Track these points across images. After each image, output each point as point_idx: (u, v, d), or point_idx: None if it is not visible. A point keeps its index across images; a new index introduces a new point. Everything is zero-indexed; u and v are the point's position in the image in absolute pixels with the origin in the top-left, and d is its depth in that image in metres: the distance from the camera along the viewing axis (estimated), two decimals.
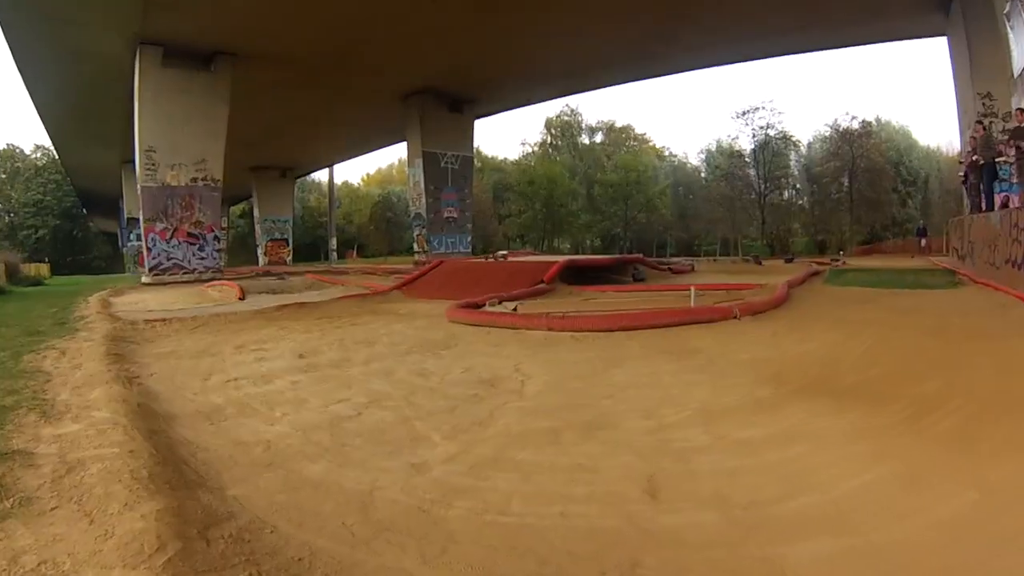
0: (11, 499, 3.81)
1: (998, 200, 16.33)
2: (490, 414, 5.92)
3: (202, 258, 27.05)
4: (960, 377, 6.03)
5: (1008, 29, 16.51)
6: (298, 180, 63.33)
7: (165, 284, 25.46)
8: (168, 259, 26.47)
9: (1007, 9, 16.27)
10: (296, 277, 28.47)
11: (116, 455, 4.56)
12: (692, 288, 13.02)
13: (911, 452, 4.31)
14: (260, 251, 56.68)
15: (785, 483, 3.97)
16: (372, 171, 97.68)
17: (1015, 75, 16.67)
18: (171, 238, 26.40)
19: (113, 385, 7.08)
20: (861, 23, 28.14)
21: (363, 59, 29.13)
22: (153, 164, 25.83)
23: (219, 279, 25.37)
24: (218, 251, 28.69)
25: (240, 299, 17.74)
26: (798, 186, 63.93)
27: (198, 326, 12.44)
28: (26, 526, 3.46)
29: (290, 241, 57.87)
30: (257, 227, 57.31)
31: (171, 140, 26.11)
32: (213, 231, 27.54)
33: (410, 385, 7.20)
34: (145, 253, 26.55)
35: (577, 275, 18.57)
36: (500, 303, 12.92)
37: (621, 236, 67.94)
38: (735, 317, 10.53)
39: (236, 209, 75.71)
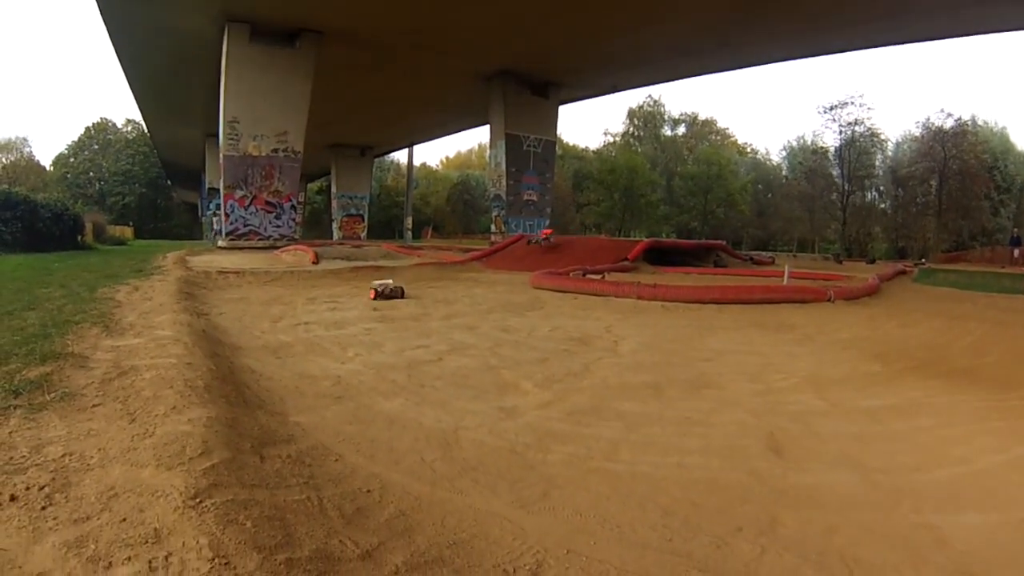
0: (53, 393, 3.52)
1: None
2: (584, 367, 5.48)
3: (278, 226, 27.14)
4: None
5: None
6: (376, 160, 63.11)
7: (240, 249, 25.61)
8: (245, 225, 26.63)
9: None
10: (372, 247, 28.57)
11: (172, 365, 4.25)
12: (787, 266, 12.44)
13: None
14: (335, 226, 56.36)
15: (920, 453, 3.62)
16: (451, 155, 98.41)
17: None
18: (249, 205, 26.56)
19: (180, 313, 6.90)
20: (965, 9, 26.49)
21: (445, 39, 28.68)
22: (236, 134, 25.97)
23: (293, 245, 25.45)
24: (294, 220, 28.77)
25: (314, 263, 17.53)
26: (882, 188, 61.57)
27: (271, 280, 12.29)
28: (62, 419, 3.14)
29: (365, 217, 57.60)
30: (333, 202, 57.22)
31: (254, 112, 26.19)
32: (291, 200, 27.65)
33: (494, 338, 6.78)
34: (223, 219, 26.81)
35: (660, 256, 18.37)
36: (584, 275, 12.40)
37: (698, 230, 66.80)
38: (829, 300, 10.10)
39: (313, 186, 76.57)
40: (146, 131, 60.09)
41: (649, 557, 2.37)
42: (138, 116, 55.13)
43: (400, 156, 71.82)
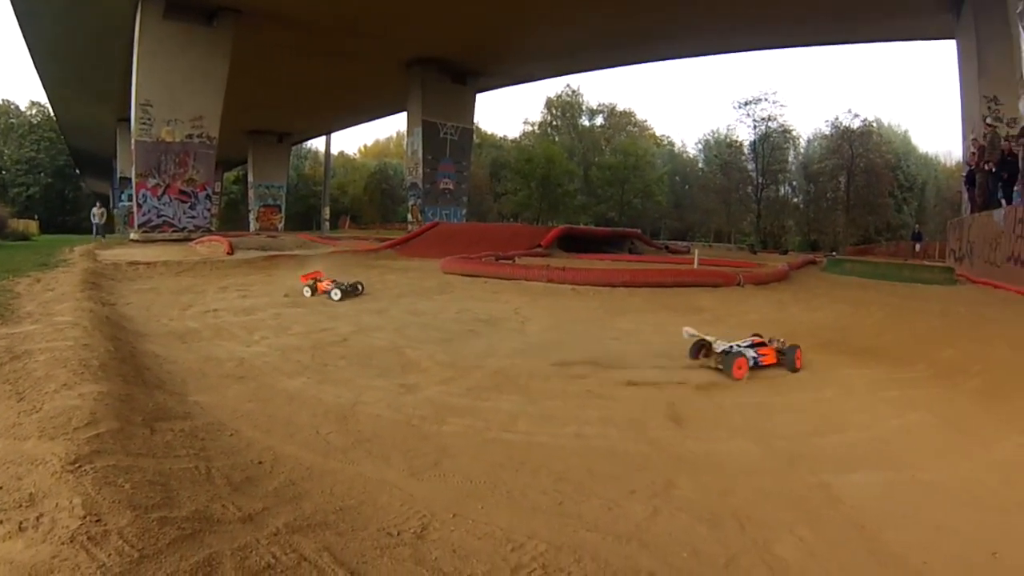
0: None
1: None
2: (489, 346, 5.54)
3: (192, 217, 26.38)
4: (976, 349, 5.88)
5: (1020, 30, 16.08)
6: (294, 147, 62.21)
7: (154, 241, 24.68)
8: (158, 216, 25.78)
9: (1020, 9, 15.87)
10: (288, 237, 28.08)
11: (68, 347, 4.18)
12: (695, 251, 12.68)
13: (943, 403, 4.20)
14: (252, 217, 55.00)
15: (820, 421, 3.80)
16: (370, 143, 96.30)
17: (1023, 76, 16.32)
18: (162, 195, 25.76)
19: (83, 302, 6.73)
20: (872, 19, 27.67)
21: (367, 24, 28.18)
22: (149, 119, 24.97)
23: (209, 236, 24.89)
24: (209, 211, 28.05)
25: (228, 254, 17.19)
26: (795, 183, 63.03)
27: (183, 270, 11.99)
28: None
29: (283, 208, 56.27)
30: (250, 192, 55.65)
31: (168, 95, 25.03)
32: (206, 190, 26.90)
33: (402, 321, 6.80)
34: (135, 210, 25.89)
35: (574, 243, 18.44)
36: (498, 261, 12.43)
37: (615, 220, 66.93)
38: (739, 284, 10.25)
39: (230, 176, 74.66)
40: (52, 115, 57.48)
41: (538, 519, 2.41)
42: (44, 98, 52.89)
43: (318, 144, 70.14)
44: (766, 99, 56.73)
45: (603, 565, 2.10)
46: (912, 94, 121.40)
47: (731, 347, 4.78)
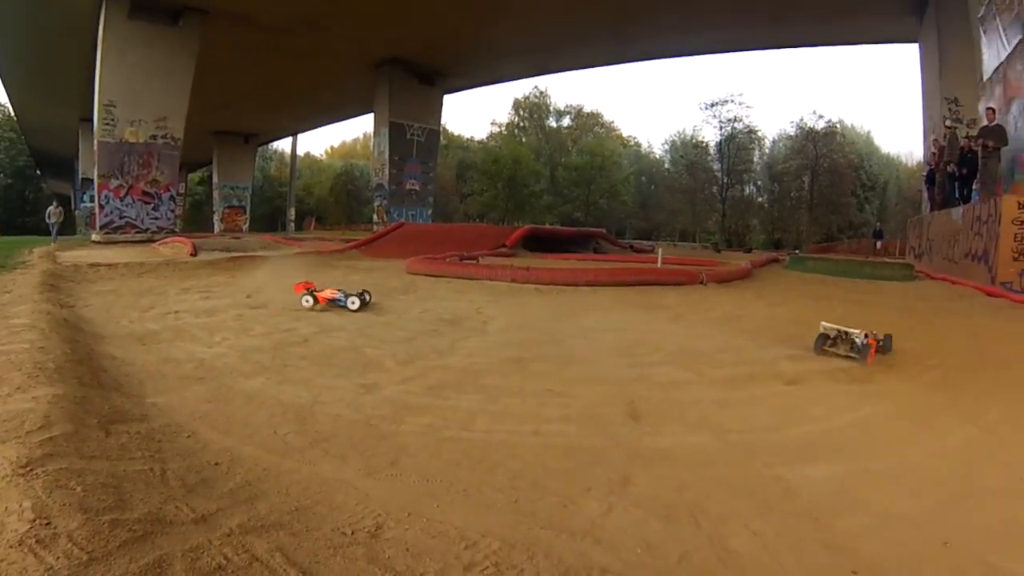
0: None
1: None
2: (451, 345, 5.55)
3: (156, 218, 26.05)
4: (933, 342, 6.06)
5: (981, 33, 16.68)
6: (260, 148, 61.56)
7: (116, 243, 24.34)
8: (121, 217, 25.43)
9: (981, 13, 16.41)
10: (253, 238, 27.87)
11: (24, 350, 4.13)
12: (659, 250, 12.79)
13: (901, 395, 4.31)
14: (216, 218, 54.26)
15: (779, 415, 3.85)
16: (336, 144, 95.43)
17: (984, 78, 16.78)
18: (125, 196, 25.42)
19: (41, 304, 6.63)
20: (837, 21, 28.25)
21: (335, 24, 28.14)
22: (112, 119, 24.62)
23: (172, 238, 24.58)
24: (173, 212, 27.72)
25: (192, 255, 17.01)
26: (759, 183, 64.02)
27: (145, 272, 11.81)
28: None
29: (248, 209, 55.77)
30: (215, 193, 54.91)
31: (132, 95, 24.66)
32: (169, 191, 26.59)
33: (364, 320, 6.79)
34: (97, 211, 25.53)
35: (539, 243, 18.60)
36: (462, 261, 12.44)
37: (581, 220, 67.03)
38: (702, 282, 10.35)
39: (195, 177, 73.73)
40: (12, 114, 56.37)
41: (492, 517, 2.43)
42: (4, 98, 52.02)
43: (284, 145, 69.99)
44: (732, 100, 57.44)
45: (556, 562, 2.12)
46: (875, 96, 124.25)
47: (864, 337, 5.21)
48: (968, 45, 18.05)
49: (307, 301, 7.63)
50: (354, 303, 7.45)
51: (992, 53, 15.75)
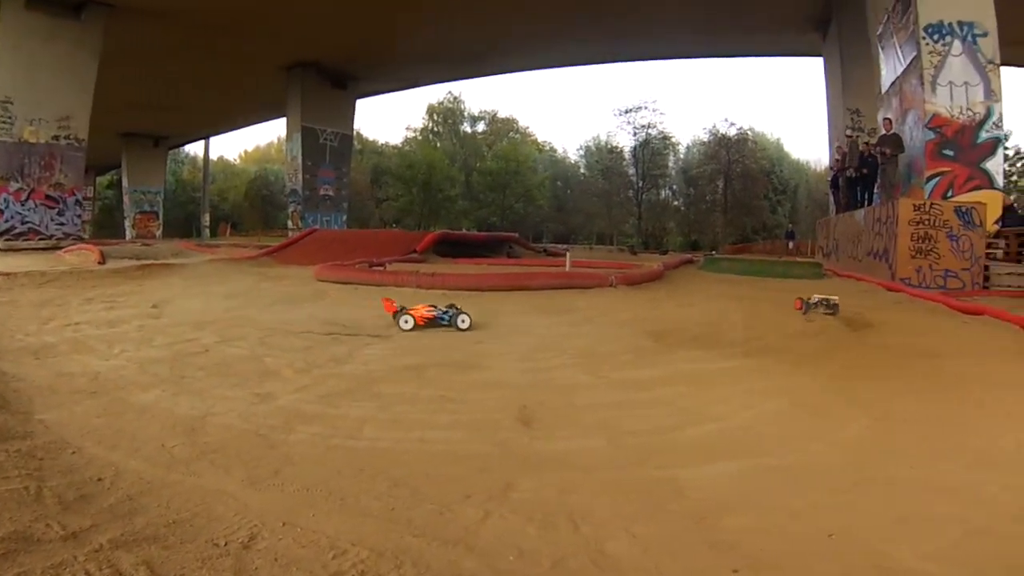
0: None
1: None
2: (349, 353, 5.58)
3: (61, 223, 25.09)
4: (837, 336, 6.49)
5: (879, 49, 18.04)
6: (172, 151, 59.92)
7: (18, 250, 23.37)
8: (23, 223, 24.41)
9: (879, 31, 17.81)
10: (163, 245, 27.21)
11: None
12: (568, 255, 12.98)
13: (802, 390, 4.50)
14: (128, 224, 52.30)
15: (678, 415, 3.94)
16: (250, 148, 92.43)
17: (882, 91, 18.15)
18: (27, 200, 24.46)
19: None
20: (750, 34, 29.47)
21: (247, 24, 27.49)
22: (10, 117, 23.47)
23: (80, 245, 23.77)
24: (80, 217, 26.80)
25: (99, 263, 16.51)
26: (675, 186, 66.05)
27: (47, 281, 11.36)
28: None
29: (160, 214, 53.61)
30: (125, 198, 52.75)
31: (31, 92, 23.43)
32: (75, 195, 25.65)
33: (267, 329, 6.72)
34: None
35: (452, 248, 18.78)
36: (370, 267, 12.42)
37: (498, 225, 67.23)
38: (611, 285, 10.52)
39: (104, 180, 71.11)
40: None
41: (367, 525, 2.45)
42: None
43: (197, 148, 68.02)
44: (646, 107, 59.26)
45: (424, 570, 2.15)
46: (785, 105, 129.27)
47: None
48: (868, 60, 19.66)
49: (406, 323, 6.75)
50: (464, 321, 6.81)
51: (890, 68, 17.17)
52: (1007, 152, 45.62)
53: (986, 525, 2.56)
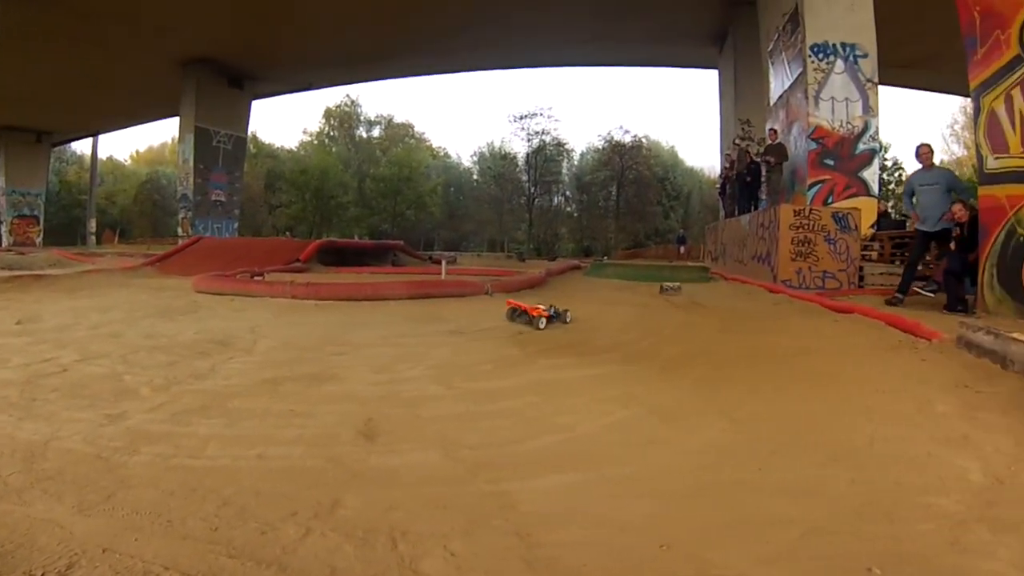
0: None
1: None
2: (211, 368, 5.56)
3: None
4: (709, 337, 6.82)
5: (769, 64, 19.68)
6: (55, 149, 56.65)
7: None
8: None
9: (770, 48, 19.42)
10: (40, 253, 26.13)
11: None
12: (443, 262, 13.20)
13: (660, 396, 4.61)
14: (4, 229, 49.02)
15: (523, 426, 4.01)
16: (142, 148, 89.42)
17: (770, 103, 19.77)
18: None
19: None
20: (648, 45, 30.63)
21: (140, 13, 26.61)
22: None
23: None
24: None
25: None
26: (568, 193, 67.20)
27: None
28: None
29: (41, 219, 50.82)
30: (2, 199, 49.51)
31: None
32: None
33: (133, 346, 6.59)
34: None
35: (335, 256, 18.92)
36: (252, 278, 12.33)
37: (389, 232, 67.20)
38: (487, 293, 10.75)
39: None
40: None
41: (187, 548, 2.47)
42: None
43: (84, 147, 64.94)
44: (541, 114, 59.92)
45: None
46: (681, 114, 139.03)
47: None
48: (759, 74, 21.39)
49: (542, 323, 7.55)
50: (568, 317, 7.92)
51: (778, 82, 18.82)
52: (886, 163, 48.56)
53: (826, 524, 2.67)
